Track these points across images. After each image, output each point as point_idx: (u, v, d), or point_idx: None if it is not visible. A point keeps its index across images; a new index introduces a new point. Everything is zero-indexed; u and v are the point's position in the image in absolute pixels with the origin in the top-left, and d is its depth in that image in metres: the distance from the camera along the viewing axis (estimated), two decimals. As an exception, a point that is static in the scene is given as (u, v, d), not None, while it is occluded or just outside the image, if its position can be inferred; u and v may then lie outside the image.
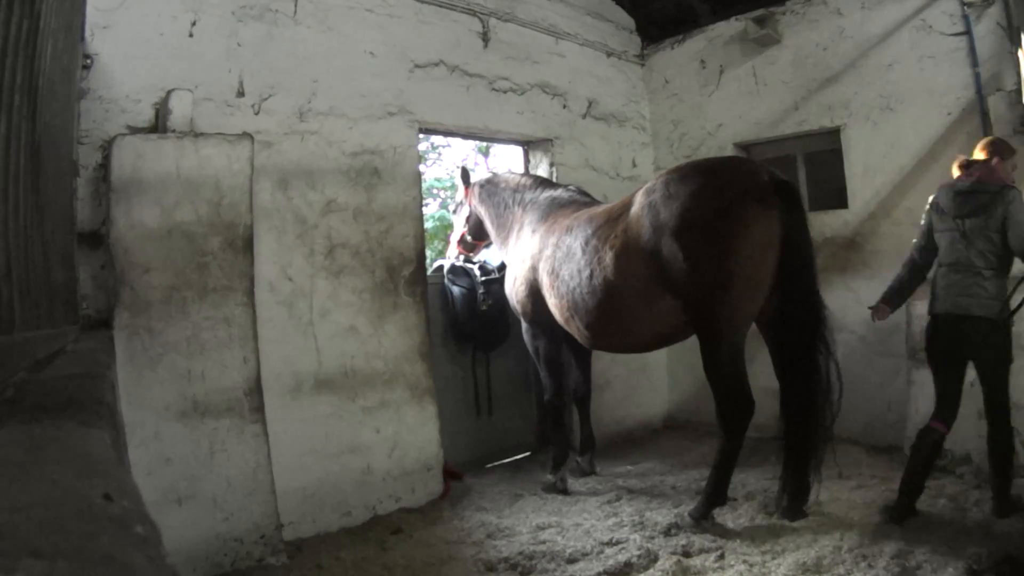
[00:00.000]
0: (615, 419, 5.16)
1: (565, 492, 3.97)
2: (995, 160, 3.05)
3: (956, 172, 3.15)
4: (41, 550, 0.49)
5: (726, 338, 3.11)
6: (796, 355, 3.13)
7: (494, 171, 5.43)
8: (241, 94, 3.50)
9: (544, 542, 3.17)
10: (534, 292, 3.90)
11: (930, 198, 3.22)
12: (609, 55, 5.51)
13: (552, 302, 3.75)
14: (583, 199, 4.08)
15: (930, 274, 3.23)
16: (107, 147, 3.04)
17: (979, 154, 3.14)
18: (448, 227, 9.15)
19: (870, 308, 3.33)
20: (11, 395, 1.14)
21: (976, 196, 2.99)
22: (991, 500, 3.08)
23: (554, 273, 3.68)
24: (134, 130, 3.16)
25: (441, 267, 4.82)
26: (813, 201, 4.81)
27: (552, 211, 3.99)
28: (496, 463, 4.72)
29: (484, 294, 4.62)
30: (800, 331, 3.11)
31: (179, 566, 2.77)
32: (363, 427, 3.77)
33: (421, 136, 4.48)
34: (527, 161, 5.32)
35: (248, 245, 3.22)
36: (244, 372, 3.15)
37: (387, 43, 4.10)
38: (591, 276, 3.42)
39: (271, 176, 3.56)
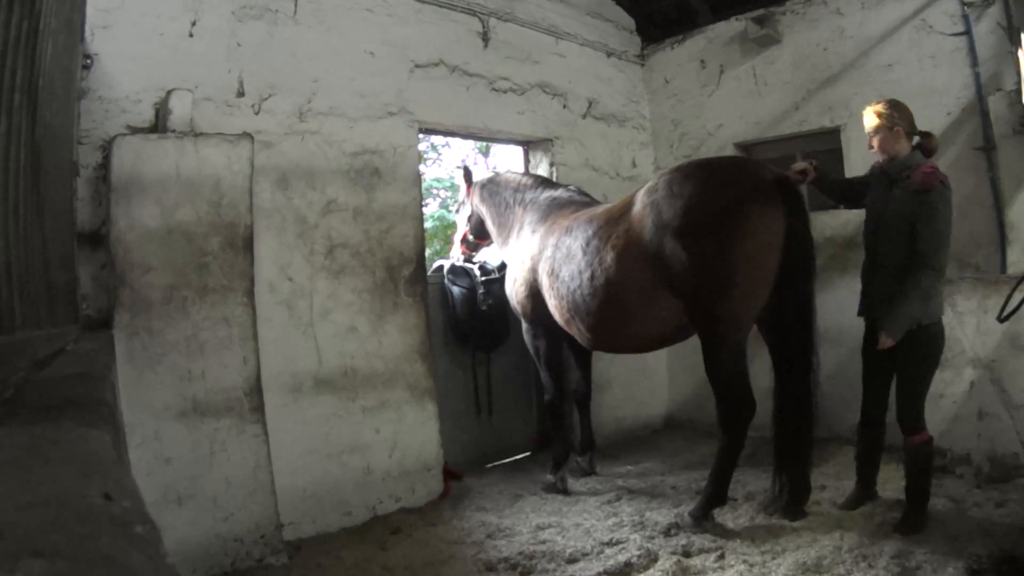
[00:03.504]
0: (615, 419, 5.16)
1: (565, 492, 3.97)
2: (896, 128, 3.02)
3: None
4: (41, 550, 0.49)
5: (728, 338, 3.11)
6: (791, 354, 3.15)
7: (496, 170, 5.43)
8: (241, 94, 3.50)
9: (544, 542, 3.17)
10: (534, 293, 3.89)
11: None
12: (609, 55, 5.51)
13: (552, 303, 3.74)
14: (582, 199, 4.08)
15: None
16: (107, 147, 3.04)
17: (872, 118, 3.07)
18: (448, 227, 9.16)
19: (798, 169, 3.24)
20: (11, 395, 1.14)
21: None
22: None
23: (554, 274, 3.68)
24: (134, 130, 3.16)
25: (441, 267, 4.81)
26: (813, 201, 4.81)
27: (551, 211, 3.99)
28: (496, 463, 4.72)
29: (484, 294, 4.61)
30: (796, 330, 3.13)
31: (179, 566, 2.77)
32: (363, 427, 3.76)
33: (421, 136, 4.48)
34: (527, 161, 5.32)
35: (248, 245, 3.21)
36: (244, 372, 3.15)
37: (387, 43, 4.10)
38: (592, 277, 3.42)
39: (271, 176, 3.56)
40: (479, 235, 4.75)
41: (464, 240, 4.86)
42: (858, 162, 4.59)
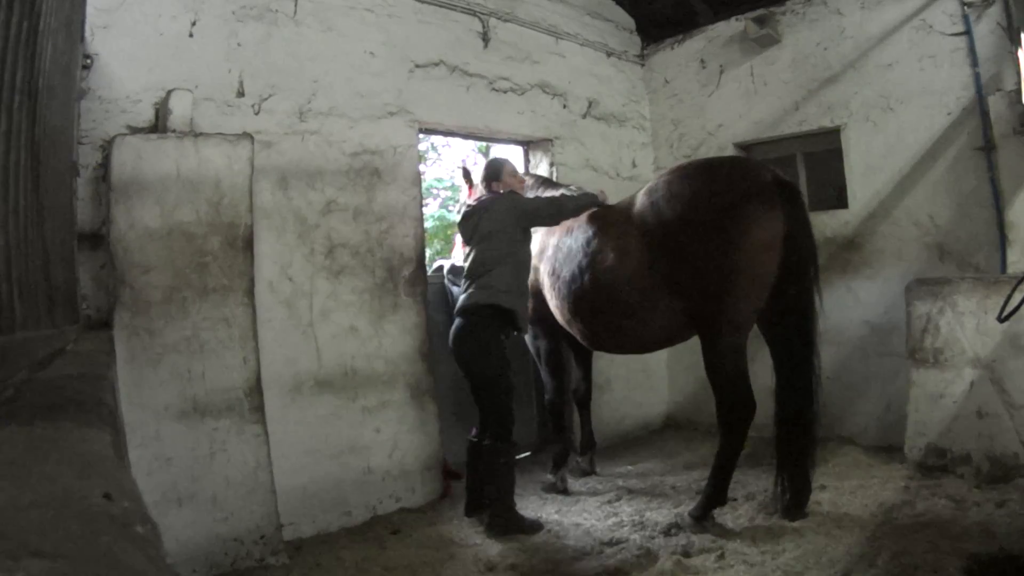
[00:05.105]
0: (615, 419, 5.16)
1: (565, 492, 3.97)
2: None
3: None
4: (41, 550, 0.49)
5: (728, 338, 3.10)
6: (792, 354, 3.15)
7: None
8: (241, 94, 3.50)
9: (544, 542, 3.17)
10: (535, 293, 3.89)
11: None
12: (609, 55, 5.51)
13: (553, 303, 3.74)
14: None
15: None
16: (107, 147, 3.04)
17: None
18: (448, 227, 9.14)
19: None
20: (11, 395, 1.14)
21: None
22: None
23: (555, 274, 3.68)
24: (134, 130, 3.16)
25: (441, 267, 4.81)
26: (813, 201, 4.81)
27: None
28: (496, 463, 4.70)
29: (484, 294, 4.60)
30: (797, 330, 3.13)
31: (179, 566, 2.78)
32: (363, 427, 3.76)
33: (421, 136, 4.48)
34: (527, 161, 5.31)
35: (248, 245, 3.21)
36: (244, 372, 3.15)
37: (387, 43, 4.10)
38: (592, 277, 3.42)
39: (271, 176, 3.56)
40: (480, 235, 4.73)
41: (465, 240, 4.86)
42: (859, 161, 4.60)
